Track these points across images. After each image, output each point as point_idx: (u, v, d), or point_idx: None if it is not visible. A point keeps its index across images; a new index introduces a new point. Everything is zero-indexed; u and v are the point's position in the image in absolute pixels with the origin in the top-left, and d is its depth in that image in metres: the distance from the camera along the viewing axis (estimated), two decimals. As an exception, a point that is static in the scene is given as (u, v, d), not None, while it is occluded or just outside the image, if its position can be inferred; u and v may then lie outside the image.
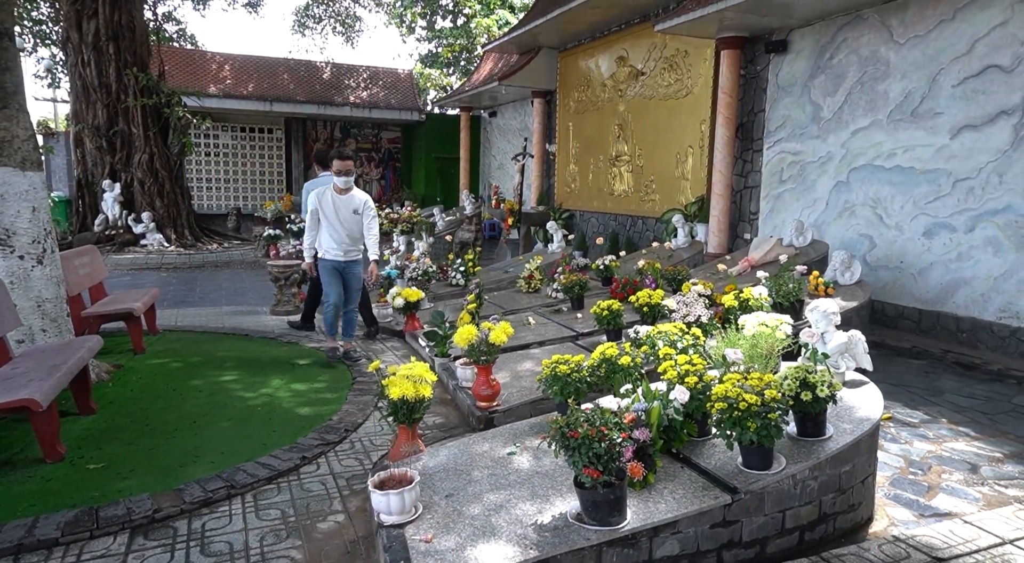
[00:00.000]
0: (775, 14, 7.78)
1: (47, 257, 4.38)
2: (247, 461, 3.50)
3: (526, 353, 5.36)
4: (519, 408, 4.28)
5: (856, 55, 7.38)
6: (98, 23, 12.80)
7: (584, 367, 3.62)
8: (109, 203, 13.48)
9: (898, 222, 6.93)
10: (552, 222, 10.35)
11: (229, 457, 3.58)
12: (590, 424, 2.53)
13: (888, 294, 6.91)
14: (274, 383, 4.97)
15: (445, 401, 4.72)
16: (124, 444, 3.73)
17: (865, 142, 7.28)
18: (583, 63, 12.93)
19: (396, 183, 21.13)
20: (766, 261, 6.70)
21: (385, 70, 20.89)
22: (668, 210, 10.06)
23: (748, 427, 2.66)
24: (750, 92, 8.93)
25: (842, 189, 7.59)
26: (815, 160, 7.94)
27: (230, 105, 17.30)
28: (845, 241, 7.44)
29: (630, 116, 11.51)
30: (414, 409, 3.40)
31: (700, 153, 9.73)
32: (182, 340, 6.14)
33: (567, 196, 13.70)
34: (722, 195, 8.82)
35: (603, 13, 11.15)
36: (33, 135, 4.27)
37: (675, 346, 3.67)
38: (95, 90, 13.08)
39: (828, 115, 7.75)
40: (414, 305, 6.31)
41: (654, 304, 5.21)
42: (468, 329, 4.11)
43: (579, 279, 6.64)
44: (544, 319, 6.38)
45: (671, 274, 6.46)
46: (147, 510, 2.92)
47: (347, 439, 3.98)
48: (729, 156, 8.77)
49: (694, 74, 9.85)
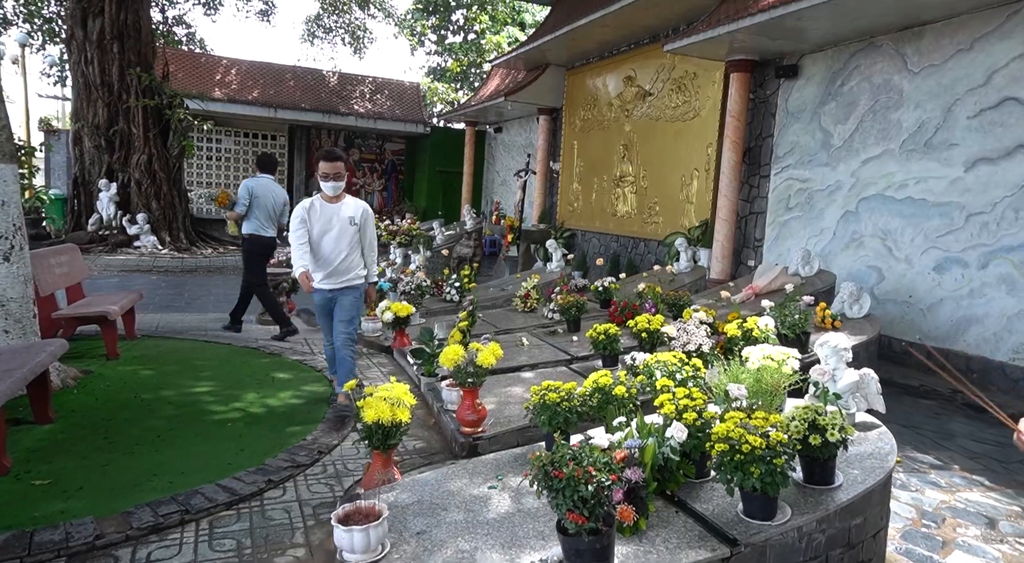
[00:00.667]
0: (787, 38, 7.63)
1: (15, 254, 4.15)
2: (208, 483, 3.24)
3: (517, 376, 5.11)
4: (505, 435, 4.03)
5: (869, 83, 7.21)
6: (103, 21, 12.70)
7: (575, 396, 3.37)
8: (104, 203, 13.29)
9: (908, 255, 6.70)
10: (552, 241, 10.13)
11: (189, 477, 3.32)
12: (577, 463, 2.29)
13: (896, 329, 6.67)
14: (249, 397, 4.71)
15: (428, 424, 4.46)
16: (77, 458, 3.48)
17: (876, 172, 7.08)
18: (590, 82, 12.81)
19: (398, 195, 20.98)
20: (771, 289, 6.48)
21: (392, 81, 20.83)
22: (671, 233, 9.86)
23: (751, 473, 2.41)
24: (759, 116, 8.76)
25: (851, 219, 7.38)
26: (823, 188, 7.74)
27: (234, 110, 17.18)
28: (852, 272, 7.21)
29: (636, 137, 11.35)
30: (390, 434, 3.15)
31: (705, 177, 9.54)
32: (160, 347, 5.90)
33: (569, 215, 13.52)
34: (727, 220, 8.61)
35: (612, 32, 11.04)
36: (7, 125, 4.06)
37: (674, 377, 3.43)
38: (96, 89, 12.95)
39: (838, 143, 7.57)
40: (404, 320, 6.07)
41: (653, 330, 4.97)
42: (455, 349, 3.87)
43: (576, 300, 6.41)
44: (538, 340, 6.14)
45: (672, 299, 6.23)
46: (88, 536, 2.66)
47: (319, 461, 3.72)
48: (735, 181, 8.58)
49: (702, 96, 9.70)
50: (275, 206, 6.63)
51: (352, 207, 4.43)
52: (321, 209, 4.35)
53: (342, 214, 4.36)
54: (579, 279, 8.02)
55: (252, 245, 6.61)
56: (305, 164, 19.60)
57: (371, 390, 3.29)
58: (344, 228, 4.35)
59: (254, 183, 6.59)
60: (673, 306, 6.19)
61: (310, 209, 4.35)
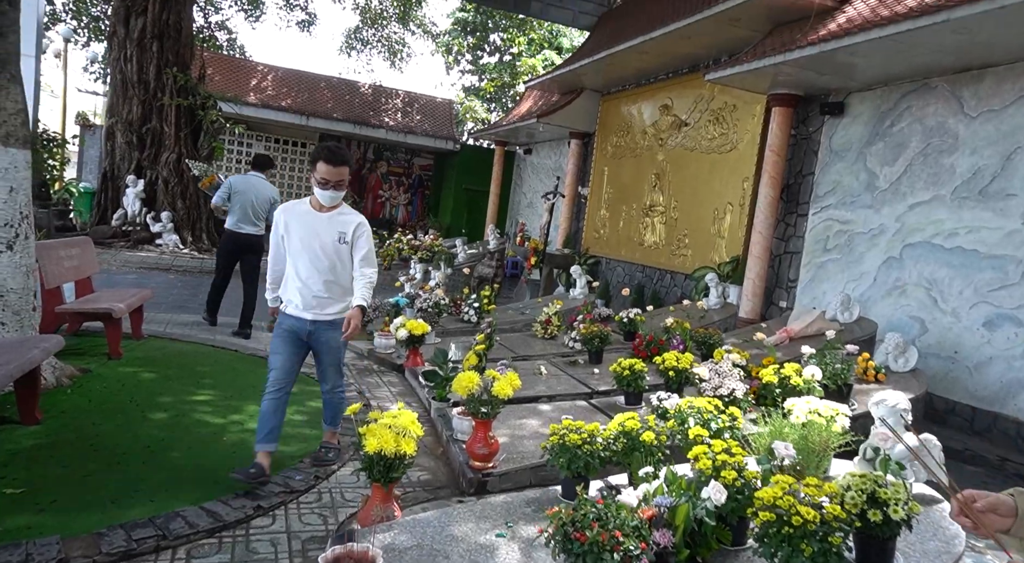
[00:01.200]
0: (835, 74, 7.35)
1: (19, 243, 3.97)
2: (192, 504, 2.98)
3: (533, 407, 4.80)
4: (518, 473, 3.72)
5: (920, 125, 6.89)
6: (146, 20, 12.82)
7: (598, 439, 3.07)
8: (130, 199, 13.30)
9: (955, 308, 6.32)
10: (577, 266, 9.85)
11: (172, 497, 3.06)
12: (602, 526, 1.99)
13: (938, 386, 6.26)
14: (249, 409, 4.45)
15: (436, 453, 4.17)
16: (58, 466, 3.23)
17: (923, 218, 6.73)
18: (625, 109, 12.61)
19: (423, 210, 20.89)
20: (806, 334, 6.12)
21: (424, 96, 20.86)
22: (700, 267, 9.53)
23: (801, 550, 2.09)
24: (799, 153, 8.46)
25: (893, 265, 7.02)
26: (865, 231, 7.39)
27: (267, 115, 17.26)
28: (893, 321, 6.83)
29: (669, 166, 11.09)
30: (392, 467, 2.87)
31: (740, 211, 9.23)
32: (164, 349, 5.68)
33: (595, 241, 13.24)
34: (760, 257, 8.28)
35: (651, 60, 10.84)
36: (23, 110, 3.91)
37: (708, 426, 3.11)
38: (133, 85, 13.04)
39: (884, 185, 7.23)
40: (418, 339, 5.81)
41: (681, 369, 4.64)
42: (469, 376, 3.59)
43: (600, 331, 6.10)
44: (557, 370, 5.83)
45: (702, 337, 5.90)
46: (50, 558, 2.40)
47: (315, 488, 3.44)
48: (771, 217, 8.26)
49: (740, 129, 9.43)
50: (258, 203, 6.65)
51: (345, 220, 3.48)
52: (306, 218, 3.45)
53: (331, 228, 3.44)
54: (602, 308, 7.71)
55: (224, 240, 6.86)
56: (333, 173, 19.58)
57: (376, 415, 3.02)
58: (331, 246, 3.43)
59: (238, 179, 6.73)
60: (703, 344, 5.86)
61: (292, 216, 3.48)
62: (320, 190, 3.40)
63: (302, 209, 3.50)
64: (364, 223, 3.57)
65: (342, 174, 3.41)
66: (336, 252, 3.46)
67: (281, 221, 3.49)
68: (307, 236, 3.45)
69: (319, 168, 3.34)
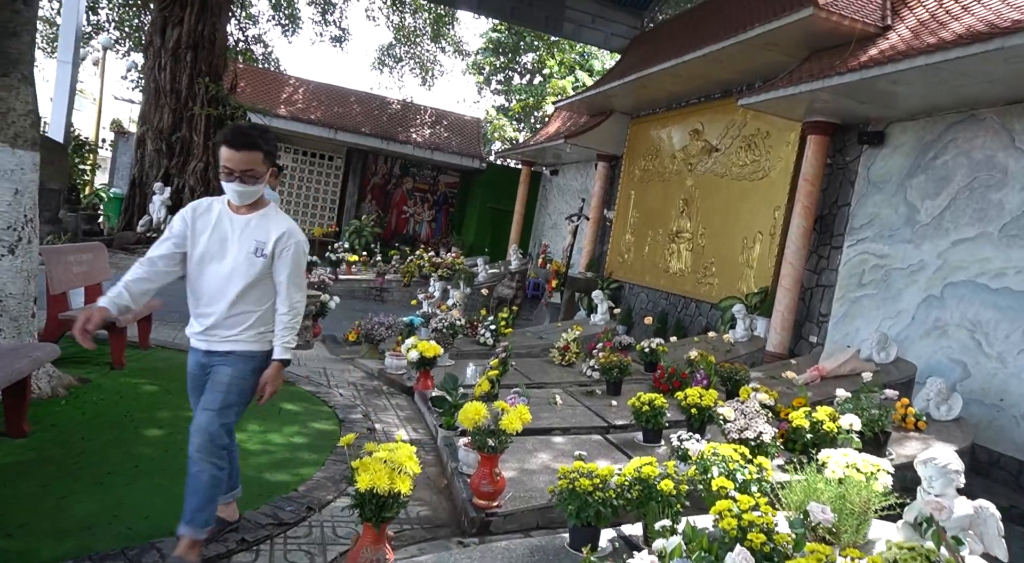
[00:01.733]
0: (875, 102, 7.06)
1: (21, 247, 3.85)
2: (171, 535, 2.77)
3: (546, 440, 4.54)
4: (524, 514, 3.47)
5: (967, 158, 6.56)
6: (181, 31, 13.00)
7: (612, 484, 2.81)
8: (156, 206, 13.38)
9: (1001, 352, 5.93)
10: (598, 291, 9.59)
11: (152, 524, 2.86)
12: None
13: (981, 435, 5.85)
14: (249, 429, 4.27)
15: (439, 486, 3.93)
16: (36, 484, 3.05)
17: (968, 255, 6.37)
18: (654, 132, 12.40)
19: (447, 227, 20.81)
20: (839, 374, 5.78)
21: (452, 114, 20.90)
22: (727, 297, 9.20)
23: (841, 637, 1.81)
24: (835, 183, 8.14)
25: (933, 304, 6.65)
26: (904, 267, 7.04)
27: (296, 128, 17.37)
28: (932, 364, 6.44)
29: (697, 192, 10.82)
30: (385, 506, 2.63)
31: (770, 241, 8.91)
32: (170, 360, 5.54)
33: (619, 266, 12.97)
34: (790, 290, 7.94)
35: (683, 83, 10.64)
36: (33, 111, 3.81)
37: (734, 477, 2.83)
38: (165, 94, 13.19)
39: (925, 219, 6.89)
40: (430, 361, 5.59)
41: (704, 407, 4.36)
42: (476, 407, 3.36)
43: (620, 360, 5.83)
44: (573, 400, 5.57)
45: (727, 372, 5.59)
46: (6, 593, 2.20)
47: (306, 520, 3.22)
48: (803, 249, 7.93)
49: (773, 157, 9.14)
50: None
51: (267, 227, 2.66)
52: (218, 221, 2.65)
53: (246, 237, 2.63)
54: (624, 336, 7.44)
55: None
56: (359, 186, 19.64)
57: (371, 447, 2.80)
58: (243, 260, 2.62)
59: None
60: (728, 380, 5.55)
61: (200, 216, 2.67)
62: (224, 182, 2.58)
63: (216, 209, 2.68)
64: (293, 232, 2.69)
65: (251, 162, 2.55)
66: (248, 268, 2.61)
67: (187, 219, 2.65)
68: (212, 244, 2.62)
69: (221, 153, 2.56)
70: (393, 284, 13.83)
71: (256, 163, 2.58)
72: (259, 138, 2.60)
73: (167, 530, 2.81)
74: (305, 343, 6.99)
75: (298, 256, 2.71)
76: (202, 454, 2.57)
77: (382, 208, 19.96)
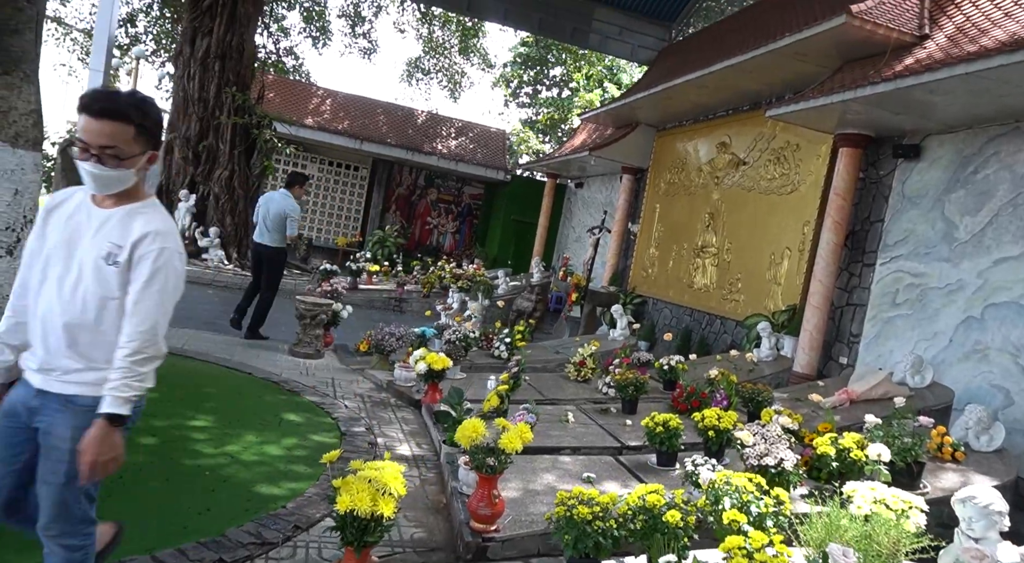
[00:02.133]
0: (911, 114, 6.75)
1: (20, 248, 3.77)
2: (143, 553, 2.62)
3: (554, 459, 4.32)
4: (524, 540, 3.25)
5: (1010, 172, 6.21)
6: (210, 41, 13.16)
7: (613, 513, 2.59)
8: (181, 213, 13.50)
9: (1046, 378, 5.55)
10: (618, 305, 9.35)
11: (127, 539, 2.70)
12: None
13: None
14: (246, 439, 4.14)
15: (438, 506, 3.73)
16: (13, 493, 2.93)
17: (1011, 275, 6.00)
18: (680, 145, 12.15)
19: (471, 239, 20.73)
20: (870, 398, 5.46)
21: (477, 126, 20.89)
22: (753, 315, 8.88)
23: None
24: (868, 198, 7.81)
25: (973, 326, 6.27)
26: (941, 286, 6.68)
27: (321, 138, 17.48)
28: (971, 389, 6.07)
29: (724, 206, 10.53)
30: (366, 530, 2.45)
31: (799, 257, 8.59)
32: (175, 367, 5.44)
33: (642, 281, 12.70)
34: (819, 308, 7.60)
35: (710, 95, 10.39)
36: (36, 110, 3.75)
37: (747, 510, 2.59)
38: (193, 103, 13.35)
39: (964, 237, 6.53)
40: (439, 374, 5.42)
41: (722, 430, 4.10)
42: (474, 424, 3.17)
43: (636, 377, 5.59)
44: (586, 418, 5.34)
45: (749, 393, 5.31)
46: (-46, 613, 2.06)
47: (292, 540, 3.05)
48: (833, 265, 7.60)
49: (803, 170, 8.84)
50: (269, 215, 7.39)
51: (127, 227, 1.98)
52: (72, 214, 2.02)
53: (100, 237, 1.98)
54: (644, 352, 7.18)
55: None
56: (383, 197, 19.68)
57: (357, 465, 2.63)
58: (90, 267, 1.96)
59: (264, 195, 7.69)
60: (750, 401, 5.27)
61: (53, 209, 2.05)
62: (80, 163, 1.93)
63: (77, 199, 2.04)
64: (160, 235, 2.00)
65: (114, 136, 1.89)
66: (96, 280, 1.95)
67: (40, 222, 2.05)
68: (60, 244, 1.98)
69: (78, 124, 1.92)
70: (412, 295, 13.73)
71: (122, 139, 1.91)
72: (130, 106, 1.93)
73: (141, 546, 2.67)
74: (316, 352, 6.88)
75: (163, 268, 1.97)
76: (60, 537, 2.04)
77: (406, 219, 19.96)
